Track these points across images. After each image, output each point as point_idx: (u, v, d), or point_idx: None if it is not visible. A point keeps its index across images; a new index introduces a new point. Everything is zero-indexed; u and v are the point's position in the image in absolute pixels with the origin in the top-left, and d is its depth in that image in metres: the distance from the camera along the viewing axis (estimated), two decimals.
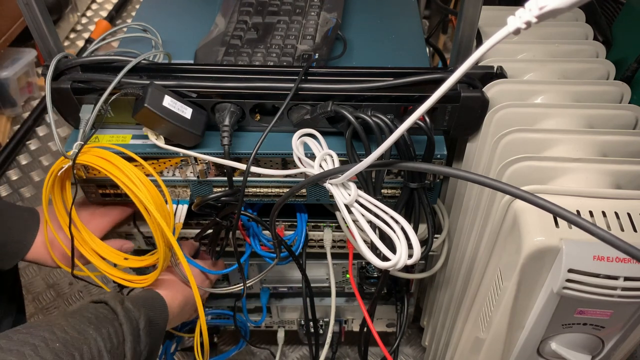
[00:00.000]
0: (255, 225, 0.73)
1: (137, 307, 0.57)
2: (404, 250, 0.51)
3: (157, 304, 0.64)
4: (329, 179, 0.56)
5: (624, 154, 0.58)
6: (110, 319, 0.54)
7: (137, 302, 0.59)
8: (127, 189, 0.61)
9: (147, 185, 0.62)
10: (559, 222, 0.50)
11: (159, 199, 0.63)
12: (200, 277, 0.76)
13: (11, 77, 1.55)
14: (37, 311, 1.21)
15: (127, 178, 0.61)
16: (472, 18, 0.59)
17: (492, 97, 0.62)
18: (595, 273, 0.48)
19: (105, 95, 0.61)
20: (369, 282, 0.84)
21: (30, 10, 0.60)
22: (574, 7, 0.29)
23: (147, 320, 0.57)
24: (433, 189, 0.67)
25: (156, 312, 0.61)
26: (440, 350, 0.90)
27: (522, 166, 0.56)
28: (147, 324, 0.57)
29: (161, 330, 0.62)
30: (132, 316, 0.56)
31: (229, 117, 0.63)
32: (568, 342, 0.57)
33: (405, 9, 0.87)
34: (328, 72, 0.65)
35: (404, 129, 0.44)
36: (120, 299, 0.57)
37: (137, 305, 0.58)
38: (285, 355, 1.12)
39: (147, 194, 0.61)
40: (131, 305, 0.57)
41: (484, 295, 0.62)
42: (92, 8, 2.12)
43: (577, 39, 0.72)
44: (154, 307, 0.62)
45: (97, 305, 0.56)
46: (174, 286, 0.70)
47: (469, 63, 0.36)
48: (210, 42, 0.75)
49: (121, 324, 0.54)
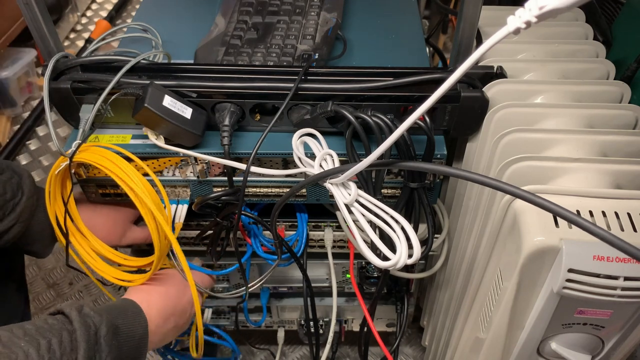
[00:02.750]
0: (255, 226, 0.74)
1: (98, 313, 0.53)
2: (404, 250, 0.51)
3: (128, 311, 0.59)
4: (329, 179, 0.56)
5: (624, 154, 0.58)
6: (57, 328, 0.49)
7: (100, 309, 0.54)
8: (125, 185, 0.60)
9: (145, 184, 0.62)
10: (559, 222, 0.50)
11: (156, 199, 0.63)
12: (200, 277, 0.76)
13: (11, 77, 1.55)
14: (37, 311, 1.21)
15: (126, 175, 0.60)
16: (472, 18, 0.59)
17: (492, 97, 0.62)
18: (595, 273, 0.48)
19: (105, 95, 0.61)
20: (369, 282, 0.84)
21: (30, 10, 0.60)
22: (573, 7, 0.29)
23: (110, 327, 0.53)
24: (433, 188, 0.67)
25: (127, 320, 0.57)
26: (440, 350, 0.90)
27: (522, 166, 0.56)
28: (110, 331, 0.52)
29: (138, 338, 0.58)
30: (89, 322, 0.51)
31: (229, 117, 0.63)
32: (568, 342, 0.57)
33: (405, 9, 0.87)
34: (328, 72, 0.65)
35: (404, 128, 0.44)
36: (79, 305, 0.53)
37: (99, 311, 0.53)
38: (285, 355, 1.12)
39: (145, 191, 0.61)
40: (91, 312, 0.53)
41: (484, 295, 0.62)
42: (92, 8, 2.12)
43: (577, 39, 0.72)
44: (124, 314, 0.57)
45: (48, 317, 0.52)
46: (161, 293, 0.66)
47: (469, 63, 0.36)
48: (210, 42, 0.75)
49: (74, 330, 0.50)
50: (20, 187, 0.63)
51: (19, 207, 0.62)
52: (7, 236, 0.62)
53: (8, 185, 0.62)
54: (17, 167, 0.65)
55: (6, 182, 0.62)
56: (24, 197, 0.63)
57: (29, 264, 1.30)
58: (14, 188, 0.62)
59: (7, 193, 0.61)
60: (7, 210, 0.61)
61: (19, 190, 0.63)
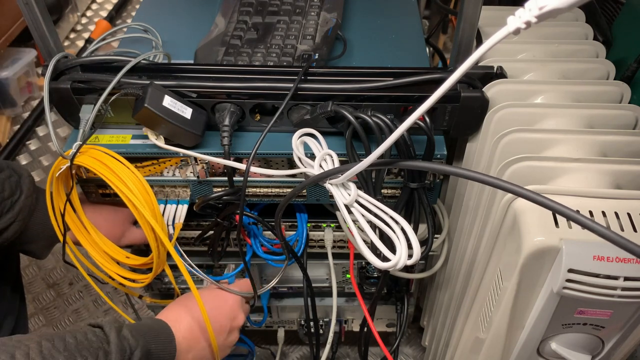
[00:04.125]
0: (255, 226, 0.73)
1: (135, 337, 0.53)
2: (403, 251, 0.51)
3: (161, 335, 0.59)
4: (329, 179, 0.56)
5: (624, 154, 0.58)
6: (95, 347, 0.50)
7: (138, 331, 0.54)
8: (120, 192, 0.60)
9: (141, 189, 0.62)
10: (559, 222, 0.50)
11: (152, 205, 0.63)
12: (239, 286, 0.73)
13: (11, 77, 1.55)
14: (37, 311, 1.21)
15: (120, 181, 0.60)
16: (472, 18, 0.59)
17: (492, 97, 0.62)
18: (595, 273, 0.48)
19: (105, 95, 0.61)
20: (369, 282, 0.84)
21: (30, 10, 0.60)
22: (574, 7, 0.29)
23: (144, 352, 0.53)
24: (433, 189, 0.67)
25: (159, 345, 0.57)
26: (440, 350, 0.90)
27: (522, 166, 0.56)
28: (143, 357, 0.53)
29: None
30: (125, 345, 0.52)
31: (229, 117, 0.63)
32: (568, 342, 0.57)
33: (405, 9, 0.87)
34: (328, 72, 0.65)
35: (404, 128, 0.44)
36: (119, 325, 0.53)
37: (137, 334, 0.54)
38: (285, 355, 1.12)
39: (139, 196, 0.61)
40: (129, 334, 0.53)
41: (484, 295, 0.62)
42: (92, 8, 2.12)
43: (577, 39, 0.72)
44: (157, 339, 0.57)
45: (88, 329, 0.52)
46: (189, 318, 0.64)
47: (469, 63, 0.36)
48: (210, 42, 0.75)
49: (109, 352, 0.50)
50: (19, 186, 0.63)
51: (18, 205, 0.63)
52: (5, 234, 0.63)
53: (7, 183, 0.62)
54: (16, 166, 0.65)
55: (5, 180, 0.62)
56: (22, 196, 0.63)
57: (29, 264, 1.30)
58: (12, 186, 0.62)
59: (6, 191, 0.62)
60: (5, 208, 0.62)
61: (17, 188, 0.63)
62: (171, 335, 0.59)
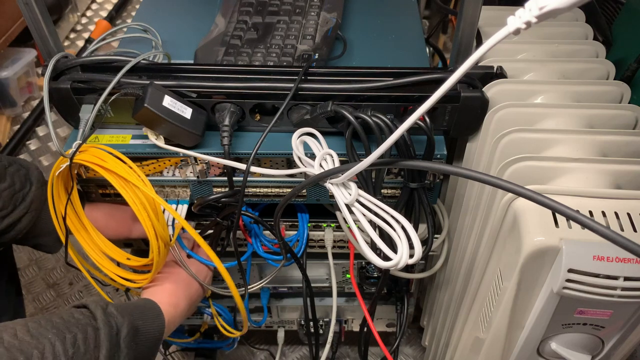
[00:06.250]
0: (256, 226, 0.73)
1: (121, 314, 0.54)
2: (405, 250, 0.51)
3: (149, 312, 0.60)
4: (329, 179, 0.56)
5: (624, 154, 0.58)
6: (83, 323, 0.50)
7: (124, 309, 0.55)
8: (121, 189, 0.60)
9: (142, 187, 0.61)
10: (559, 221, 0.50)
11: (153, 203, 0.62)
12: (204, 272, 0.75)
13: (11, 77, 1.55)
14: (37, 311, 1.21)
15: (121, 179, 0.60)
16: (472, 18, 0.59)
17: (492, 97, 0.62)
18: (595, 273, 0.48)
19: (105, 95, 0.61)
20: (369, 282, 0.84)
21: (30, 10, 0.60)
22: (574, 7, 0.29)
23: (131, 329, 0.54)
24: (433, 189, 0.67)
25: (147, 321, 0.58)
26: (440, 350, 0.90)
27: (522, 166, 0.56)
28: (130, 333, 0.53)
29: (154, 340, 0.59)
30: (112, 322, 0.52)
31: (229, 117, 0.63)
32: (568, 342, 0.57)
33: (405, 9, 0.87)
34: (328, 72, 0.65)
35: (404, 128, 0.44)
36: (104, 303, 0.54)
37: (123, 311, 0.54)
38: (285, 355, 1.12)
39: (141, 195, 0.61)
40: (115, 311, 0.53)
41: (484, 295, 0.62)
42: (92, 8, 2.12)
43: (577, 39, 0.72)
44: (144, 316, 0.58)
45: (74, 310, 0.52)
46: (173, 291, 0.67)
47: (469, 63, 0.36)
48: (210, 42, 0.75)
49: (97, 328, 0.50)
50: (28, 178, 0.65)
51: (29, 197, 0.64)
52: (19, 225, 0.63)
53: (16, 176, 0.63)
54: (23, 161, 0.66)
55: (14, 173, 0.63)
56: (32, 187, 0.64)
57: (29, 264, 1.30)
58: (22, 179, 0.64)
59: (16, 184, 0.63)
60: (18, 200, 0.63)
61: (27, 181, 0.64)
62: (158, 312, 0.61)
